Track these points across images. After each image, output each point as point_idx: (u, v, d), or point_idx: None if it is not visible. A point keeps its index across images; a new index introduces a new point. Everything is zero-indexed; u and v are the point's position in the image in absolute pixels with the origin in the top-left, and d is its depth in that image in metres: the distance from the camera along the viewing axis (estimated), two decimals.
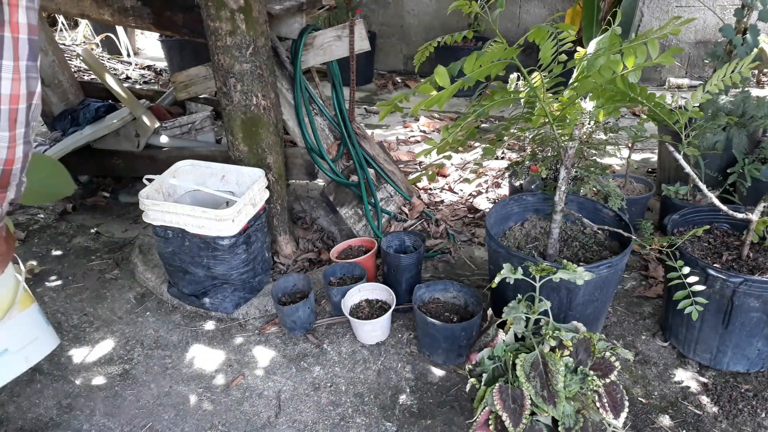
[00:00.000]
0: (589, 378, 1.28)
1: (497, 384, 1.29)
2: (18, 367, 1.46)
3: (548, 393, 1.24)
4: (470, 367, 1.42)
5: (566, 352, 1.31)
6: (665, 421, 1.63)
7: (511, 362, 1.33)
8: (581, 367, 1.31)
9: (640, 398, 1.71)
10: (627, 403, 1.29)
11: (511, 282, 1.44)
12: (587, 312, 1.75)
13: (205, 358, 1.94)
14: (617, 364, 1.32)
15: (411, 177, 3.06)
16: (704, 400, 1.70)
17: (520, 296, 1.47)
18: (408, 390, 1.77)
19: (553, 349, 1.31)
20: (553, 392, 1.23)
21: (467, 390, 1.51)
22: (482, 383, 1.36)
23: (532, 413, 1.26)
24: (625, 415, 1.28)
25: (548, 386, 1.24)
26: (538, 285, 1.41)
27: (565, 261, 1.44)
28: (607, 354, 1.34)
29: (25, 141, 1.06)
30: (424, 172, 2.96)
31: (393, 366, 1.87)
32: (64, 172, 1.81)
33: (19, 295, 1.47)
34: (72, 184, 1.81)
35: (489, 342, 1.44)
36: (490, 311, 1.62)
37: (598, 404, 1.27)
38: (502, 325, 1.50)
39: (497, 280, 1.42)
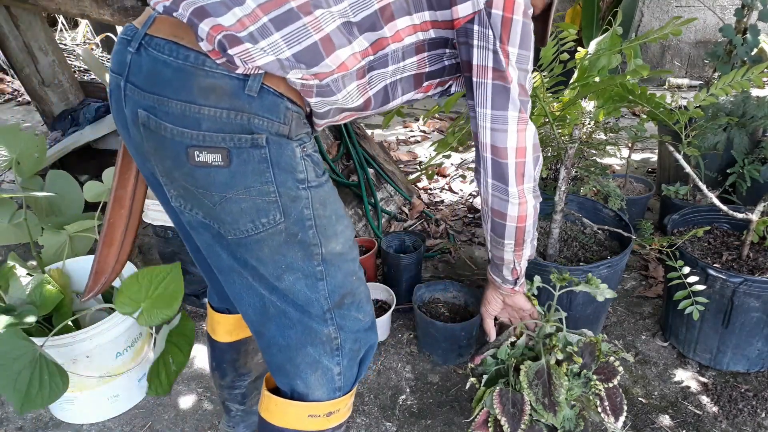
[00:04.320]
0: (592, 383, 1.28)
1: (497, 387, 1.28)
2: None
3: (549, 402, 1.22)
4: (472, 366, 1.42)
5: (575, 367, 1.29)
6: (665, 421, 1.63)
7: (513, 366, 1.32)
8: (585, 371, 1.30)
9: (640, 398, 1.71)
10: (626, 407, 1.28)
11: None
12: (587, 312, 1.75)
13: (205, 358, 1.94)
14: (621, 369, 1.32)
15: (411, 177, 3.07)
16: (704, 399, 1.70)
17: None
18: (408, 390, 1.77)
19: (559, 363, 1.29)
20: (555, 402, 1.22)
21: (467, 389, 1.51)
22: (482, 384, 1.35)
23: (531, 417, 1.26)
24: (624, 418, 1.28)
25: (550, 395, 1.23)
26: (556, 294, 1.34)
27: (589, 275, 1.37)
28: (611, 359, 1.33)
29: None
30: (424, 171, 2.96)
31: (393, 366, 1.87)
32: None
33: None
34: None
35: (498, 346, 1.43)
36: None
37: (599, 408, 1.27)
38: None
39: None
